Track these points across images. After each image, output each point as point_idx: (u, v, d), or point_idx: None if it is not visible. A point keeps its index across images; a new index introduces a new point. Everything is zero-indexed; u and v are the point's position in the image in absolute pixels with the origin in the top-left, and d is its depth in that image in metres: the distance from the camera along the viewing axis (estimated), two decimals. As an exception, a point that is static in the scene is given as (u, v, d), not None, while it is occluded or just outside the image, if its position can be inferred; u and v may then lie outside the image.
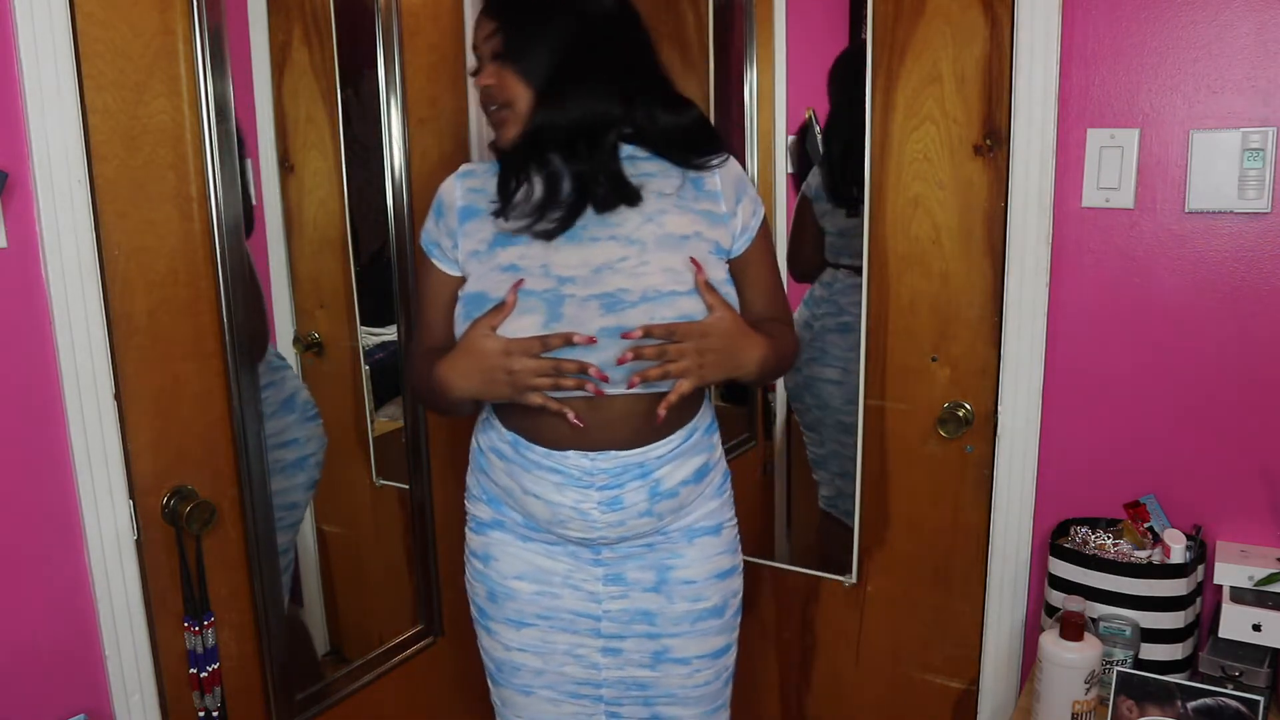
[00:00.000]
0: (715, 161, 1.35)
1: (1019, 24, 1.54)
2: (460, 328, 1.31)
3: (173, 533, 1.37)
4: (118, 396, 1.28)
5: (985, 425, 1.71)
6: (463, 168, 1.38)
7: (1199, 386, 1.53)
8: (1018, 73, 1.56)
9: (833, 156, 1.89)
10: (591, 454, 1.31)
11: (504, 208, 1.30)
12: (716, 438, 1.44)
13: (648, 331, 1.23)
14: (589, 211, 1.29)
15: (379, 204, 1.67)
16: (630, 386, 1.25)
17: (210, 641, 1.41)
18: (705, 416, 1.41)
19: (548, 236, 1.28)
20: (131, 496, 1.31)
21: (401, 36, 1.63)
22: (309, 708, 1.62)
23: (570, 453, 1.31)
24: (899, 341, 1.76)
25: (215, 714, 1.42)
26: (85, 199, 1.22)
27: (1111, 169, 1.53)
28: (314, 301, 1.66)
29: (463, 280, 1.34)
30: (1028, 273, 1.60)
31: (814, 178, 1.93)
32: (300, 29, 1.60)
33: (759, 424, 2.14)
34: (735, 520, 1.48)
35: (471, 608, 1.50)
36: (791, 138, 1.89)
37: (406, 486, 1.79)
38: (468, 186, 1.35)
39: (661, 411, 1.25)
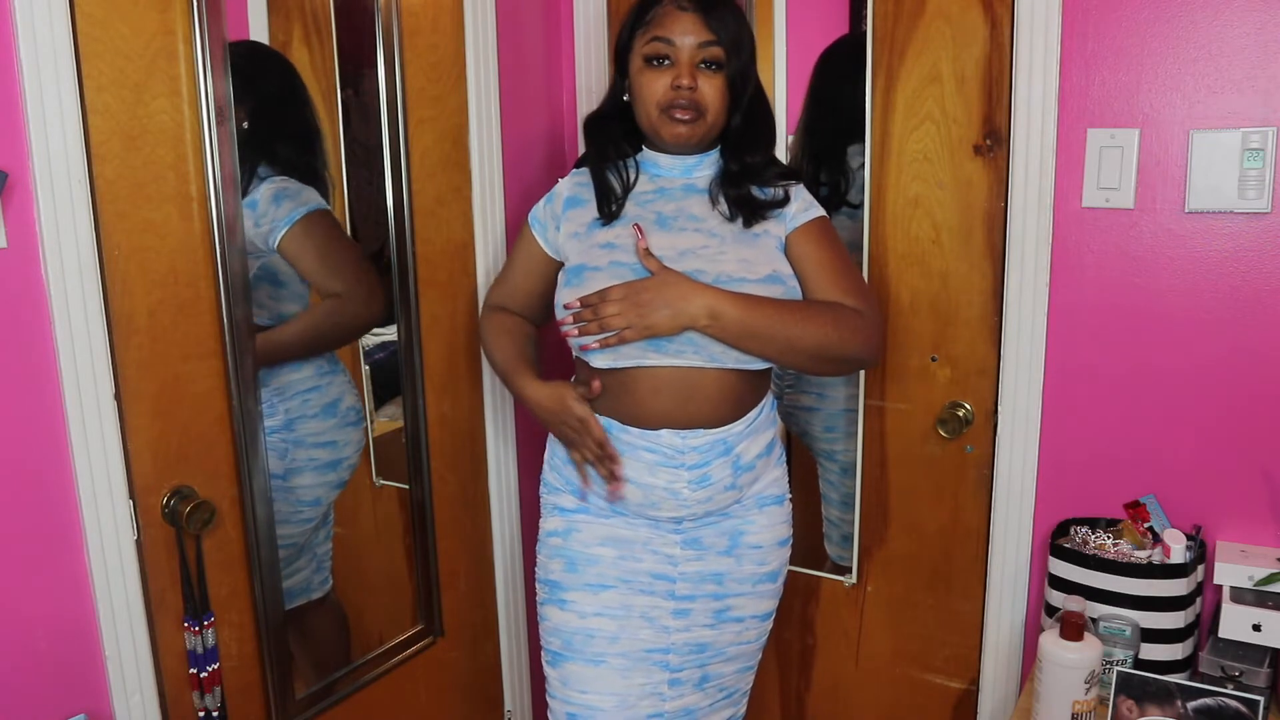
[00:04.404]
0: (790, 183, 1.53)
1: (1019, 24, 1.54)
2: (563, 294, 1.48)
3: (173, 533, 1.37)
4: (118, 396, 1.28)
5: (985, 425, 1.71)
6: (574, 171, 1.59)
7: (1199, 386, 1.54)
8: (1018, 73, 1.56)
9: (814, 153, 1.88)
10: (682, 432, 1.44)
11: (622, 199, 1.50)
12: (776, 413, 1.59)
13: (584, 302, 1.42)
14: (684, 207, 1.49)
15: (379, 204, 1.67)
16: (585, 348, 1.43)
17: (210, 641, 1.41)
18: (769, 396, 1.56)
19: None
20: (131, 496, 1.31)
21: (401, 36, 1.62)
22: (309, 707, 1.61)
23: (663, 432, 1.44)
24: (899, 341, 1.76)
25: (215, 714, 1.42)
26: (85, 199, 1.21)
27: (1111, 169, 1.53)
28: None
29: (547, 257, 1.57)
30: (1028, 273, 1.60)
31: None
32: (300, 29, 1.60)
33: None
34: (791, 494, 1.62)
35: (541, 589, 1.58)
36: (791, 137, 1.89)
37: (406, 486, 1.79)
38: (576, 182, 1.56)
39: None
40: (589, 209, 1.51)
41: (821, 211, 1.52)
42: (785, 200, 1.50)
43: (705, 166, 1.52)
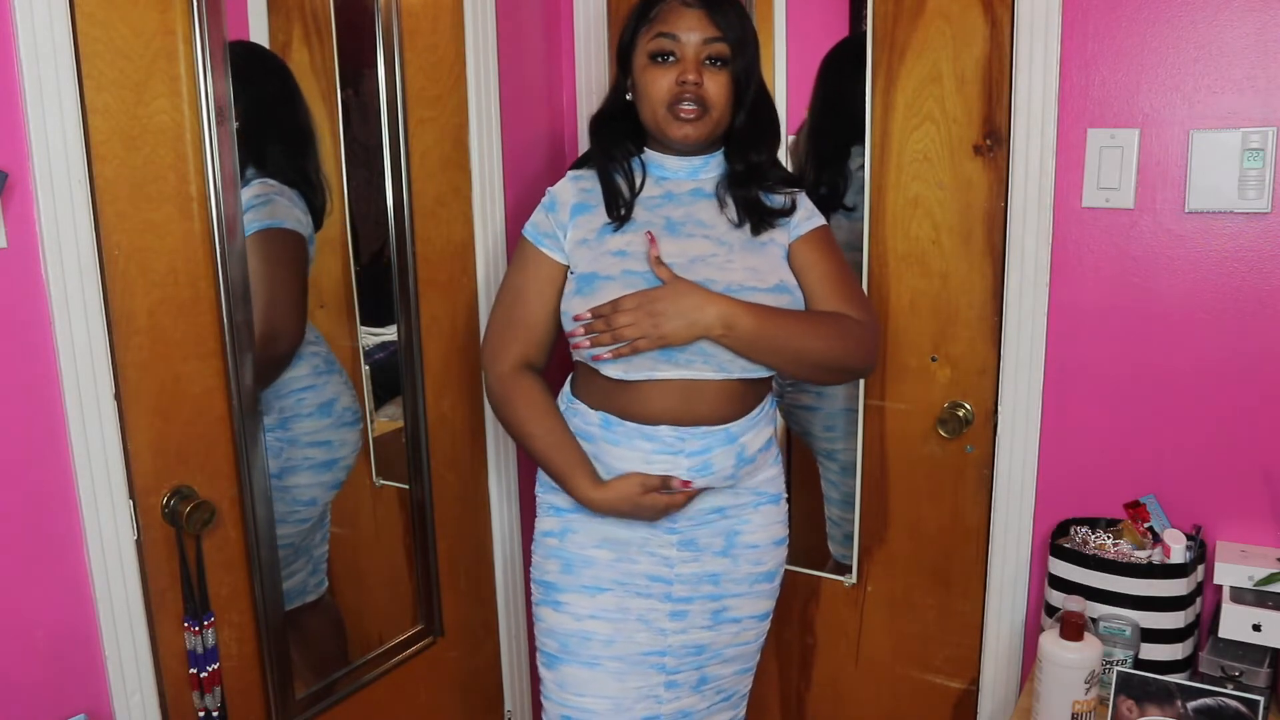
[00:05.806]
0: (794, 191, 1.54)
1: (1019, 24, 1.54)
2: (572, 303, 1.45)
3: (173, 533, 1.37)
4: (118, 396, 1.28)
5: (985, 425, 1.71)
6: (572, 172, 1.55)
7: (1199, 386, 1.54)
8: (1018, 73, 1.56)
9: (819, 155, 1.88)
10: (681, 430, 1.43)
11: (631, 201, 1.47)
12: (776, 410, 1.60)
13: (595, 312, 1.40)
14: (692, 212, 1.48)
15: (379, 204, 1.67)
16: (598, 358, 1.41)
17: (210, 641, 1.41)
18: (770, 395, 1.56)
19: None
20: (131, 496, 1.31)
21: (401, 36, 1.62)
22: (309, 707, 1.61)
23: (662, 428, 1.43)
24: (899, 341, 1.76)
25: (215, 714, 1.42)
26: (85, 199, 1.21)
27: (1111, 169, 1.53)
28: (314, 301, 1.66)
29: (563, 269, 1.50)
30: (1028, 273, 1.60)
31: None
32: (300, 29, 1.60)
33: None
34: (787, 494, 1.61)
35: (536, 590, 1.57)
36: (792, 138, 1.89)
37: (406, 486, 1.79)
38: (580, 187, 1.52)
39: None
40: (598, 214, 1.49)
41: (823, 220, 1.54)
42: (792, 209, 1.51)
43: (711, 169, 1.52)
